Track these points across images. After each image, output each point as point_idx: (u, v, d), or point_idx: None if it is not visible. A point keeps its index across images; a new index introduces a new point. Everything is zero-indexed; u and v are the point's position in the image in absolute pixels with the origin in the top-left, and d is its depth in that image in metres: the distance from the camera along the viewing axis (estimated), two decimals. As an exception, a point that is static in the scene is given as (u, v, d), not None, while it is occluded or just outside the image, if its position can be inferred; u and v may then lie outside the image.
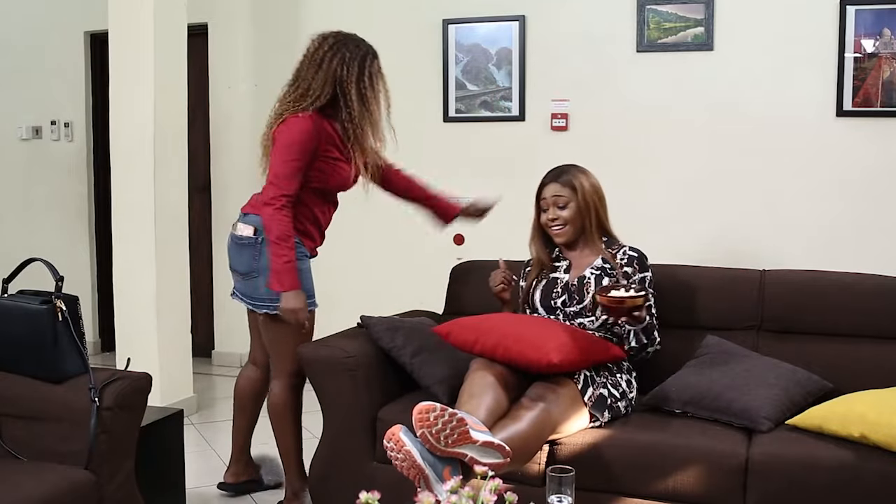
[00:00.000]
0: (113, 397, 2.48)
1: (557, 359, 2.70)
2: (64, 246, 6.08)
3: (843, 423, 2.59)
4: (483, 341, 2.85)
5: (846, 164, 4.60)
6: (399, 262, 5.44)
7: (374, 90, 3.31)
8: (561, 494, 2.00)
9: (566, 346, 2.75)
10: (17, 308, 2.59)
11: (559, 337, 2.80)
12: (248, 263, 3.28)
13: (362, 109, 3.26)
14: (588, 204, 3.16)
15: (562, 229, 3.17)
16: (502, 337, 2.82)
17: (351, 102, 3.23)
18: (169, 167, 4.58)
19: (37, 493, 2.25)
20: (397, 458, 2.32)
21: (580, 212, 3.15)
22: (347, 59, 3.24)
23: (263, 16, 5.67)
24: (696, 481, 2.61)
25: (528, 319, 3.04)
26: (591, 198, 3.17)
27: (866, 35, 4.47)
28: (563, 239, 3.20)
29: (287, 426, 3.37)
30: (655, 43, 4.82)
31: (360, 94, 3.25)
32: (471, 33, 5.19)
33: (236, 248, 3.31)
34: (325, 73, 3.22)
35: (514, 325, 2.92)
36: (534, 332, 2.84)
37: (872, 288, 3.22)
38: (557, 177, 3.21)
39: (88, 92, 6.12)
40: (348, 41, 3.30)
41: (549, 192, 3.20)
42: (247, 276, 3.29)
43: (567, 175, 3.20)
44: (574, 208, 3.15)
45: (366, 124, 3.29)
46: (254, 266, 3.25)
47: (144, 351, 4.46)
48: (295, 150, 3.15)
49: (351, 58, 3.25)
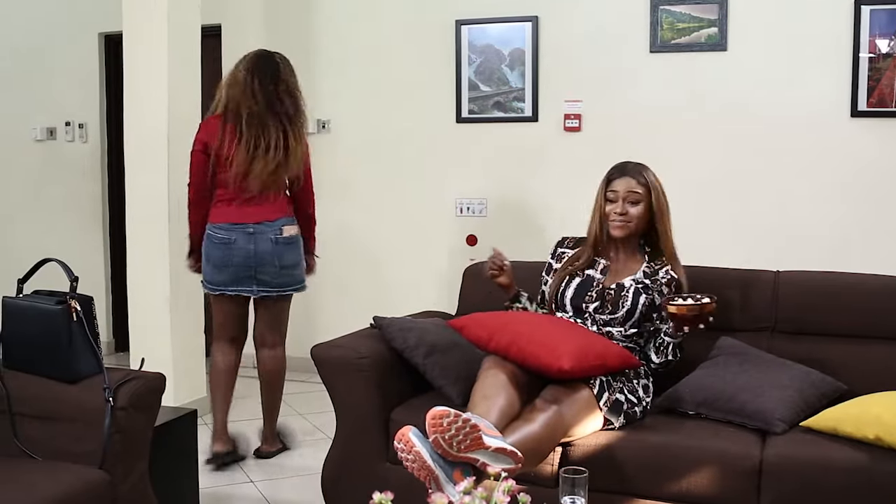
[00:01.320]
0: (127, 397, 2.49)
1: (568, 365, 2.68)
2: (78, 246, 6.10)
3: (857, 424, 2.58)
4: (497, 339, 2.84)
5: (861, 165, 4.58)
6: (412, 263, 5.44)
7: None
8: (574, 496, 1.99)
9: (579, 351, 2.73)
10: (32, 308, 2.61)
11: (574, 342, 2.78)
12: (297, 257, 3.99)
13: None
14: (661, 208, 3.10)
15: (626, 225, 3.08)
16: (517, 336, 2.80)
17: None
18: (182, 168, 4.58)
19: (51, 493, 2.26)
20: (408, 460, 2.32)
21: (649, 213, 3.09)
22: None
23: (276, 17, 5.68)
24: (710, 483, 2.60)
25: (546, 320, 3.00)
26: (663, 201, 3.11)
27: (881, 35, 4.45)
28: (621, 234, 3.09)
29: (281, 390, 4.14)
30: (669, 43, 4.81)
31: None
32: (483, 34, 5.19)
33: (287, 246, 3.93)
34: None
35: (530, 324, 2.90)
36: (549, 335, 2.81)
37: (887, 289, 3.20)
38: (633, 172, 3.12)
39: (103, 93, 6.14)
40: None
41: (622, 185, 3.09)
42: (294, 268, 3.97)
43: (642, 172, 3.12)
44: (644, 208, 3.09)
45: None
46: (300, 259, 4.00)
47: (158, 351, 4.48)
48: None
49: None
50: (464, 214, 5.32)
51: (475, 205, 5.29)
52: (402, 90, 5.41)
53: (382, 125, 5.49)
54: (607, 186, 3.13)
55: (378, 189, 5.51)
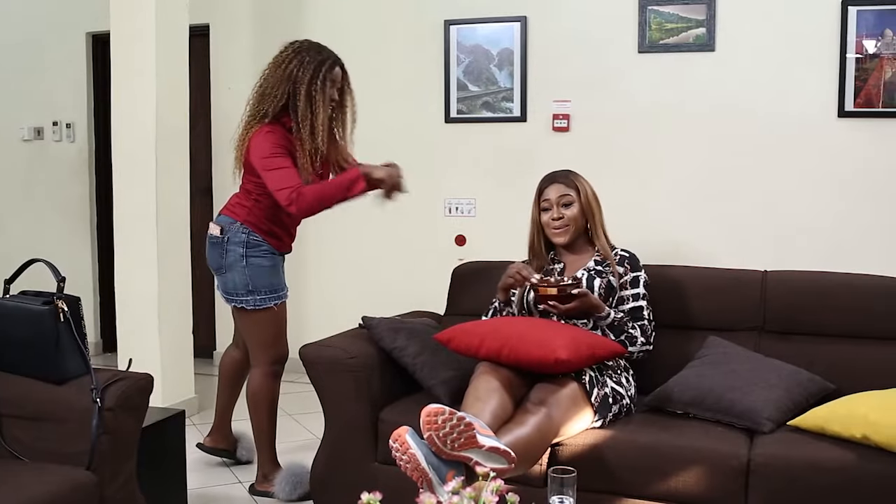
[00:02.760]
0: (115, 398, 2.48)
1: (566, 355, 2.70)
2: (66, 247, 6.09)
3: (845, 424, 2.59)
4: (488, 344, 2.85)
5: (848, 165, 4.59)
6: (400, 263, 5.44)
7: (324, 94, 3.41)
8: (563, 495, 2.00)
9: (573, 342, 2.76)
10: (19, 309, 2.59)
11: (565, 334, 2.81)
12: (216, 260, 3.53)
13: (306, 110, 3.36)
14: (591, 205, 3.26)
15: (564, 229, 3.23)
16: (507, 338, 2.82)
17: (298, 101, 3.36)
18: (171, 168, 4.59)
19: (39, 494, 2.25)
20: (402, 460, 2.32)
21: (583, 212, 3.25)
22: (305, 62, 3.38)
23: (265, 17, 5.67)
24: (698, 482, 2.60)
25: (530, 321, 3.04)
26: (592, 199, 3.27)
27: (868, 36, 4.47)
28: (563, 239, 3.25)
29: (263, 413, 3.60)
30: (657, 44, 4.82)
31: (309, 94, 3.36)
32: (472, 34, 5.19)
33: (209, 245, 3.56)
34: (283, 73, 3.39)
35: (517, 325, 2.92)
36: (538, 332, 2.84)
37: (874, 289, 3.22)
38: (560, 178, 3.29)
39: (90, 93, 6.13)
40: (311, 47, 3.46)
41: (553, 192, 3.26)
42: (218, 272, 3.55)
43: (569, 177, 3.29)
44: (578, 208, 3.24)
45: (307, 124, 3.37)
46: (221, 262, 3.51)
47: (146, 352, 4.46)
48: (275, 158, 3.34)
49: (309, 61, 3.39)
50: (452, 214, 5.32)
51: (464, 205, 5.29)
52: (390, 90, 5.41)
53: (371, 125, 5.47)
54: (540, 196, 3.30)
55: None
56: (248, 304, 3.49)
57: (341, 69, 3.49)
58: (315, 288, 5.62)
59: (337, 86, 3.48)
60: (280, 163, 3.32)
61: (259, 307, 3.50)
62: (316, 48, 3.45)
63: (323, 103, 3.39)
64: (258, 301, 3.49)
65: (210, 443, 3.95)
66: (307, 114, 3.36)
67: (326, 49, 3.48)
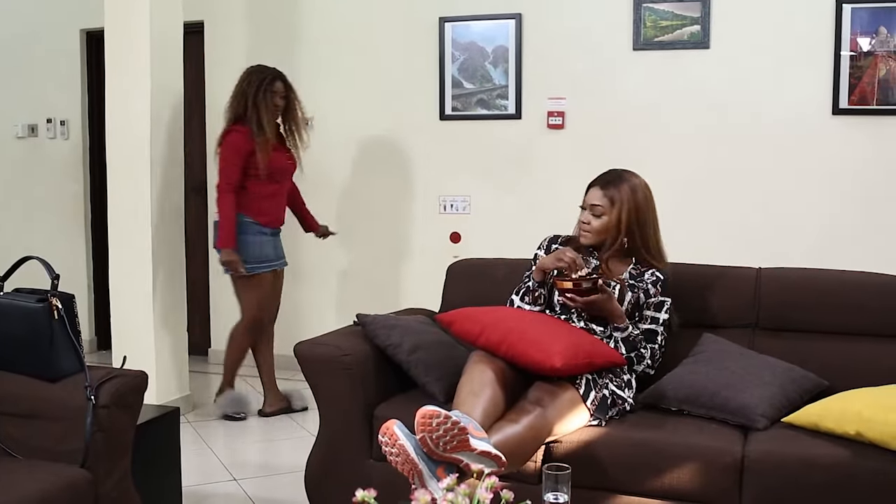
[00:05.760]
0: (109, 395, 2.47)
1: (560, 363, 2.69)
2: (60, 244, 6.07)
3: (838, 420, 2.59)
4: (488, 335, 2.84)
5: (842, 162, 4.60)
6: (395, 261, 5.44)
7: (266, 101, 4.48)
8: (557, 492, 2.00)
9: (571, 350, 2.74)
10: (13, 306, 2.58)
11: (565, 340, 2.79)
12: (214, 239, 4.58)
13: (253, 113, 4.45)
14: (630, 218, 3.09)
15: (587, 235, 3.15)
16: (507, 332, 2.80)
17: (248, 108, 4.47)
18: (165, 166, 4.58)
19: (33, 492, 2.24)
20: (391, 453, 2.32)
21: (608, 228, 3.10)
22: (252, 80, 4.51)
23: (259, 14, 5.66)
24: (692, 479, 2.61)
25: (536, 317, 3.00)
26: (632, 212, 3.10)
27: (862, 33, 4.48)
28: (585, 242, 3.17)
29: (233, 350, 4.74)
30: (652, 41, 4.83)
31: (255, 102, 4.46)
32: (467, 31, 5.19)
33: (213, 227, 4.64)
34: (238, 90, 4.54)
35: (520, 321, 2.90)
36: (540, 333, 2.82)
37: (868, 286, 3.22)
38: (603, 184, 3.13)
39: (84, 90, 6.11)
40: (257, 69, 4.58)
41: (590, 197, 3.14)
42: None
43: (613, 186, 3.11)
44: (604, 222, 3.10)
45: (254, 123, 4.44)
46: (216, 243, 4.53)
47: (140, 349, 4.46)
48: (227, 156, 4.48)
49: (254, 79, 4.51)
50: (447, 212, 5.32)
51: (458, 202, 5.30)
52: (385, 87, 5.41)
53: (366, 122, 5.49)
54: (585, 194, 3.19)
55: (361, 186, 5.51)
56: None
57: (283, 82, 4.56)
58: (310, 285, 5.62)
59: (281, 94, 4.53)
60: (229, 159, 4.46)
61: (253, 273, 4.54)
62: (260, 69, 4.57)
63: (266, 108, 4.46)
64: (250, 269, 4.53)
65: (270, 407, 4.76)
66: (254, 115, 4.44)
67: (270, 69, 4.58)
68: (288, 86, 4.59)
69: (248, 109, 4.43)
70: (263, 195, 4.51)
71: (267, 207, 4.54)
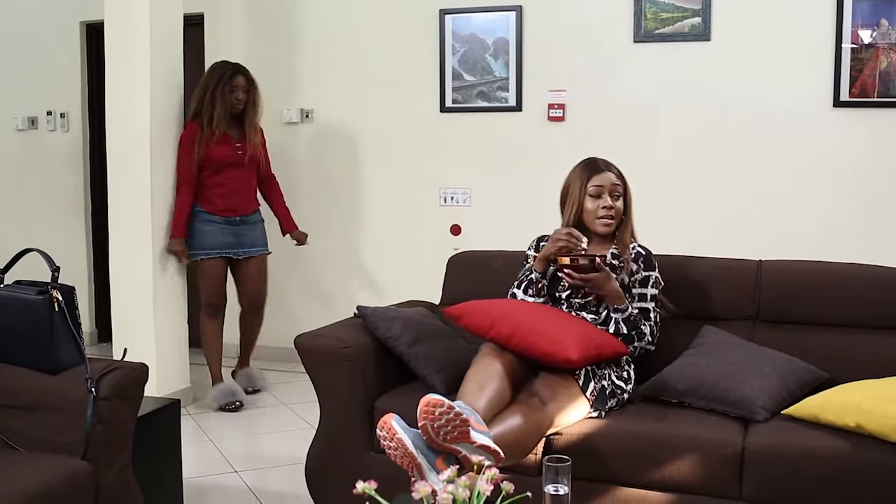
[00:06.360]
0: (109, 387, 2.48)
1: (577, 355, 2.71)
2: (60, 236, 6.07)
3: (838, 412, 2.59)
4: (499, 328, 2.84)
5: (843, 155, 4.60)
6: (396, 253, 5.44)
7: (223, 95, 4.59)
8: (557, 484, 2.00)
9: (583, 341, 2.77)
10: (14, 298, 2.59)
11: (576, 332, 2.81)
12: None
13: (209, 107, 4.58)
14: (629, 200, 3.18)
15: (612, 221, 3.12)
16: (519, 326, 2.81)
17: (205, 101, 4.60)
18: (165, 157, 4.58)
19: (34, 484, 2.25)
20: (390, 447, 2.33)
21: (626, 207, 3.17)
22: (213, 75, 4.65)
23: (259, 6, 5.65)
24: (693, 471, 2.61)
25: (543, 310, 3.00)
26: (630, 193, 3.20)
27: (864, 25, 4.47)
28: (608, 230, 3.13)
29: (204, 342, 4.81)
30: (652, 33, 4.82)
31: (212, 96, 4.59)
32: (468, 23, 5.18)
33: None
34: (200, 85, 4.67)
35: (530, 314, 2.90)
36: (550, 325, 2.83)
37: (868, 278, 3.22)
38: (609, 167, 3.16)
39: (84, 82, 6.11)
40: (219, 65, 4.71)
41: (606, 179, 3.11)
42: None
43: (615, 168, 3.18)
44: (623, 202, 3.15)
45: (207, 117, 4.57)
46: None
47: (141, 341, 4.46)
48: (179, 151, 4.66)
49: (214, 74, 4.65)
50: (448, 204, 5.32)
51: (459, 194, 5.29)
52: (385, 79, 5.40)
53: (366, 114, 5.48)
54: (588, 182, 3.13)
55: (362, 178, 5.50)
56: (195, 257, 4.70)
57: (244, 76, 4.67)
58: (310, 277, 5.62)
59: (242, 87, 4.65)
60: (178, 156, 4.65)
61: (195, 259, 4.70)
62: (221, 64, 4.70)
63: (223, 102, 4.58)
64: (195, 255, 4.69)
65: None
66: (208, 109, 4.57)
67: (232, 63, 4.69)
68: (250, 80, 4.69)
69: (205, 103, 4.57)
70: (210, 185, 4.63)
71: (214, 196, 4.63)
